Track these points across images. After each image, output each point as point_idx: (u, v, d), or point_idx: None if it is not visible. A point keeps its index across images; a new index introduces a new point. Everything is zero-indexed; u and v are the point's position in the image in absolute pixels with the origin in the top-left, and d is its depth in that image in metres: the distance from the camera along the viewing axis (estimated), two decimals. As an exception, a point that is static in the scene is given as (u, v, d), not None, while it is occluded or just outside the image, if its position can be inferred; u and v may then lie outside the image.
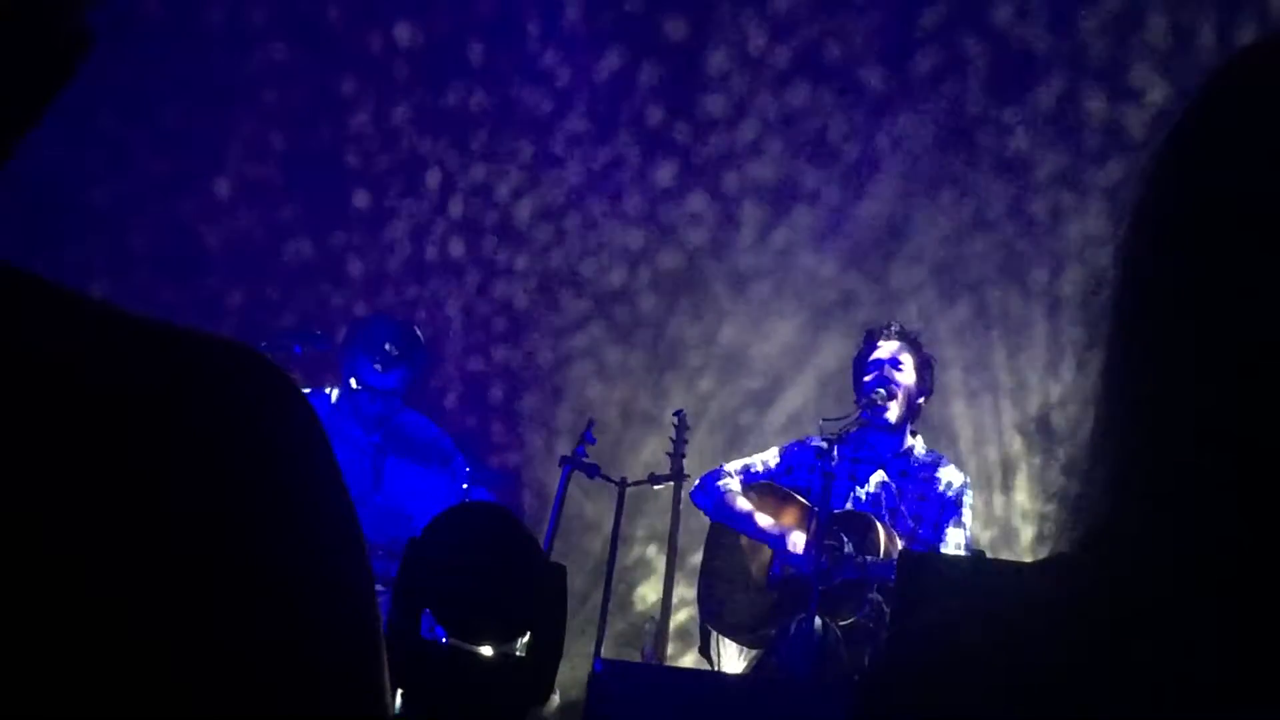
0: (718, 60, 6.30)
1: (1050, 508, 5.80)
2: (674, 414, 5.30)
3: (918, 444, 4.97)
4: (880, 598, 4.46)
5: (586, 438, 5.08)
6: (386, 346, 4.80)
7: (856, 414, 4.79)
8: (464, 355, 6.44)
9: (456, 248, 6.49)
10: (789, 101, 6.26)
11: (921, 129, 6.09)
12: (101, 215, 6.17)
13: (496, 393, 6.44)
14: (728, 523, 5.00)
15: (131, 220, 6.26)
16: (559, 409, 6.37)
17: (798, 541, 4.73)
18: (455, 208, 6.49)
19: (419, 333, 5.02)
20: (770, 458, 5.06)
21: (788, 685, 4.23)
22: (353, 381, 4.90)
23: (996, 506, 5.96)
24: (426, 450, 5.06)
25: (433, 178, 6.47)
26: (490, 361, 6.46)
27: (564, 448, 5.38)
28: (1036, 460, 5.96)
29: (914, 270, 6.14)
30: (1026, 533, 5.94)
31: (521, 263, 6.45)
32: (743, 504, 4.95)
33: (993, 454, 6.01)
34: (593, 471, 5.05)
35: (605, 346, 6.39)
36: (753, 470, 5.05)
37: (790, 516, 4.88)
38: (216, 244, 6.38)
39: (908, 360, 4.92)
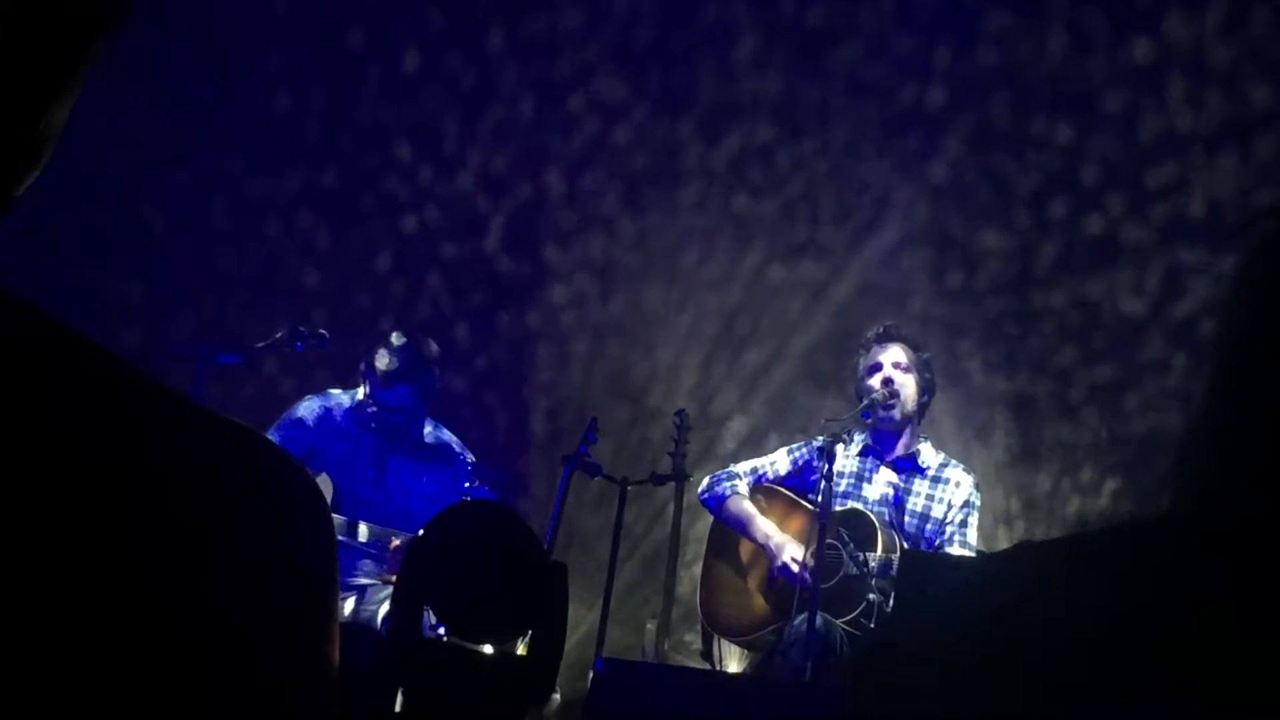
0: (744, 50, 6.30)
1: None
2: (675, 414, 5.30)
3: (926, 448, 4.98)
4: (880, 596, 4.47)
5: (589, 437, 5.08)
6: (384, 365, 4.86)
7: (857, 414, 4.83)
8: (464, 353, 6.43)
9: (451, 248, 6.48)
10: (790, 99, 6.26)
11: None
12: (113, 187, 6.06)
13: (497, 393, 6.43)
14: (731, 525, 5.00)
15: (143, 193, 6.16)
16: (560, 408, 6.36)
17: (794, 556, 4.74)
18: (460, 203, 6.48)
19: (427, 351, 5.01)
20: (780, 459, 5.07)
21: (789, 684, 4.23)
22: (360, 392, 4.97)
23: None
24: (429, 449, 5.07)
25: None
26: (492, 358, 6.45)
27: (566, 446, 5.38)
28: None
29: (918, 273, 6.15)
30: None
31: (516, 260, 6.43)
32: (746, 508, 4.96)
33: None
34: (594, 471, 5.05)
35: (605, 344, 6.39)
36: (761, 472, 5.06)
37: (794, 523, 4.89)
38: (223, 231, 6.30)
39: (908, 361, 4.95)
